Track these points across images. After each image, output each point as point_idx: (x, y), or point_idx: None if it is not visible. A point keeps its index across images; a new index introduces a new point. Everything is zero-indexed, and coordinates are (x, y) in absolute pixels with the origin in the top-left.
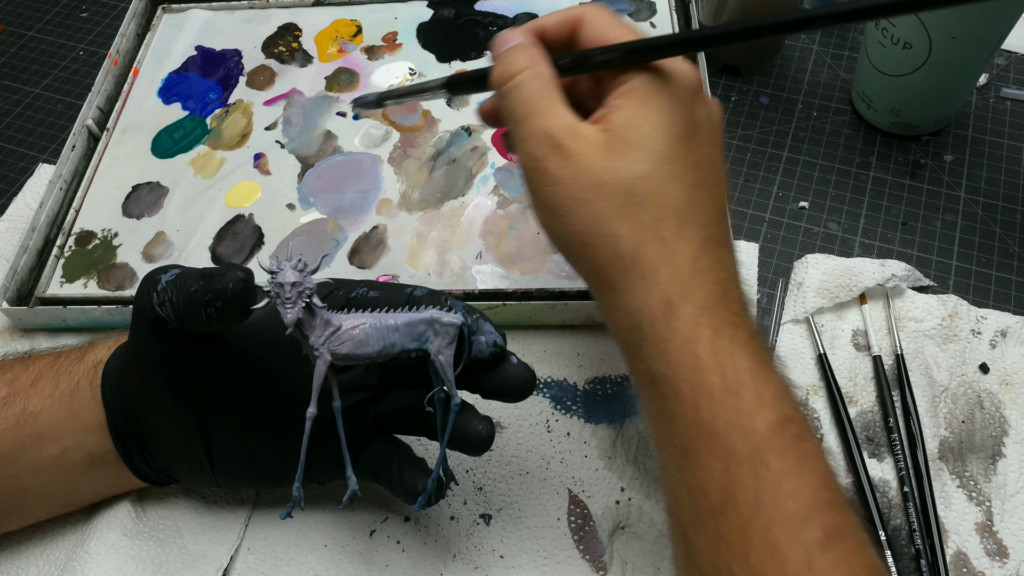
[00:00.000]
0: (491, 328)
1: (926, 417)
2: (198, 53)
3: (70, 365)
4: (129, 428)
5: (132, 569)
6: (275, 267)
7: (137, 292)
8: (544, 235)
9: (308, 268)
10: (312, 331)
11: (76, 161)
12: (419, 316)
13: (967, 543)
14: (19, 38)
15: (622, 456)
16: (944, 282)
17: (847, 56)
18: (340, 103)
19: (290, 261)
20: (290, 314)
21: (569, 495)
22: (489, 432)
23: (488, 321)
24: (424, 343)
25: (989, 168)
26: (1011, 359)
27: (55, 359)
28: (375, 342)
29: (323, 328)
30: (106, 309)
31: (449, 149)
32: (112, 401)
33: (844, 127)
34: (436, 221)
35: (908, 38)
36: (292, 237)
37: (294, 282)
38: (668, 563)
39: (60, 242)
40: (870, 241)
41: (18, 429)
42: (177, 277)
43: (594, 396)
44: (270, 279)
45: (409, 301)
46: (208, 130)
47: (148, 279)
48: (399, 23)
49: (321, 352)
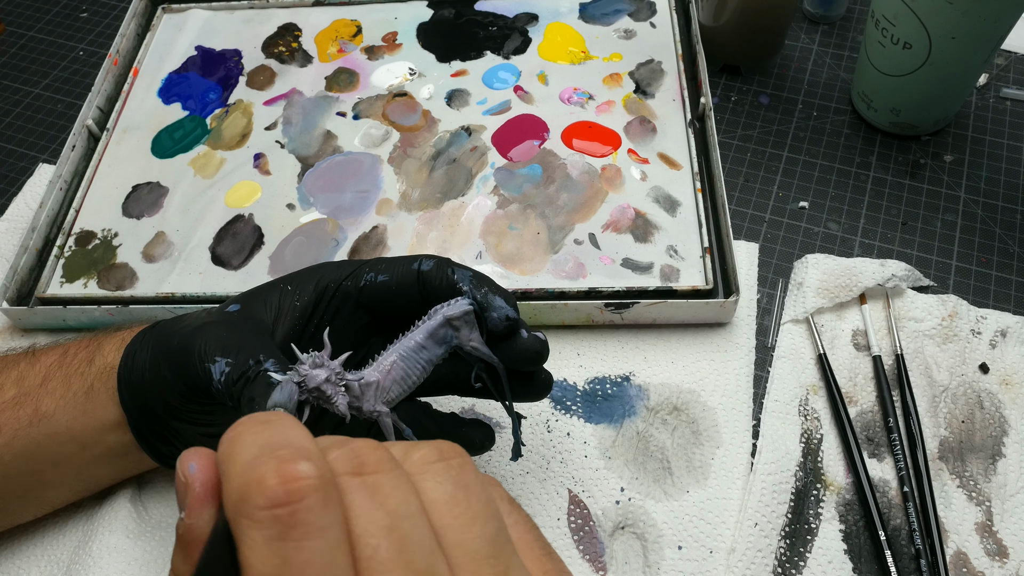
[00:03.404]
0: (501, 302)
1: (926, 417)
2: (198, 53)
3: (80, 366)
4: (151, 425)
5: (136, 571)
6: (298, 378)
7: (186, 358)
8: (544, 235)
9: (323, 354)
10: (362, 402)
11: (76, 161)
12: (434, 324)
13: (967, 543)
14: (19, 38)
15: (622, 456)
16: (944, 282)
17: (847, 56)
18: (340, 103)
19: (303, 364)
20: (340, 406)
21: (569, 495)
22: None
23: (497, 293)
24: (451, 342)
25: (989, 168)
26: (1011, 359)
27: (62, 357)
28: (413, 369)
29: (367, 391)
30: (106, 309)
31: (449, 149)
32: (132, 404)
33: (844, 127)
34: (436, 221)
35: (908, 38)
36: (292, 237)
37: (326, 378)
38: (668, 563)
39: (60, 242)
40: (870, 241)
41: (32, 429)
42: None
43: (594, 396)
44: (301, 389)
45: (419, 280)
46: (208, 130)
47: (199, 354)
48: (399, 23)
49: (378, 411)
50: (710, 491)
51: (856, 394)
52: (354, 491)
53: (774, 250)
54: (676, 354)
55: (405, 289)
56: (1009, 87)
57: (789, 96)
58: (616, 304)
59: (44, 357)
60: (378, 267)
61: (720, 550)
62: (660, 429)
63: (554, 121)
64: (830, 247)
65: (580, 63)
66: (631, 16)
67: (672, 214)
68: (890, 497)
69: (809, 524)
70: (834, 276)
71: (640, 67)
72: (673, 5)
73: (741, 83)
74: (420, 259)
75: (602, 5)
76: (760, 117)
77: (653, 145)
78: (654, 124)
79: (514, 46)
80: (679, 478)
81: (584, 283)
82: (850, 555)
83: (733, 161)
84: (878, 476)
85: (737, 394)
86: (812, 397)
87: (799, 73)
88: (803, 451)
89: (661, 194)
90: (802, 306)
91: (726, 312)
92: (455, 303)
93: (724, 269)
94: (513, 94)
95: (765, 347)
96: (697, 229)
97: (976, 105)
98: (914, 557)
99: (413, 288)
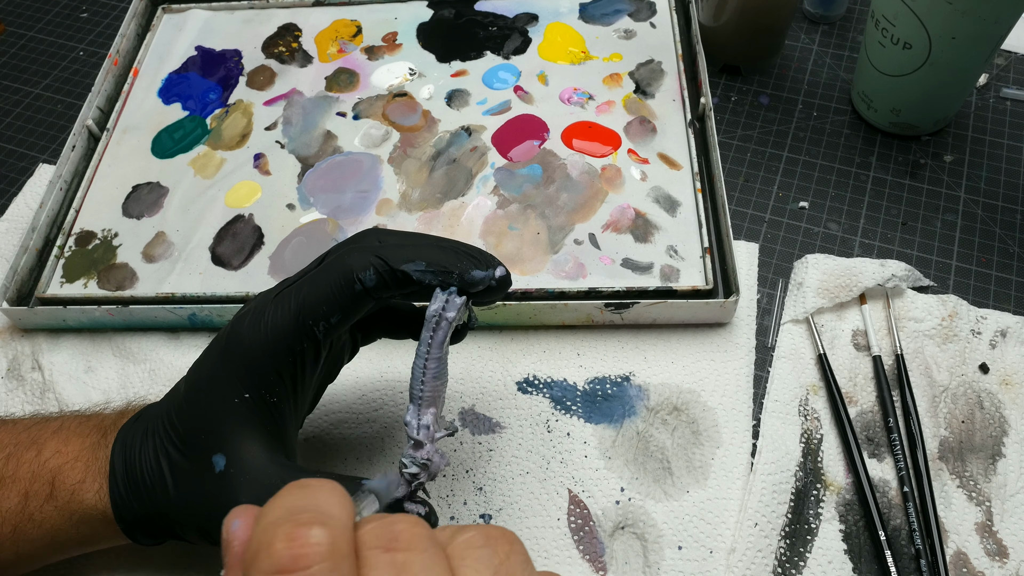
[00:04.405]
0: (479, 272)
1: (926, 417)
2: (198, 53)
3: (58, 502)
4: (152, 532)
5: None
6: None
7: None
8: (544, 235)
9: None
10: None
11: (76, 161)
12: (443, 335)
13: (967, 543)
14: (19, 38)
15: (622, 456)
16: (944, 282)
17: (847, 56)
18: (340, 103)
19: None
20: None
21: (569, 495)
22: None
23: (464, 262)
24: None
25: (989, 168)
26: (1011, 359)
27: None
28: (445, 380)
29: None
30: (106, 309)
31: (449, 149)
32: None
33: (844, 127)
34: (436, 221)
35: (908, 38)
36: (292, 237)
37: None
38: (668, 563)
39: (60, 242)
40: (870, 241)
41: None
42: None
43: (594, 396)
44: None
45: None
46: (208, 130)
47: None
48: (399, 23)
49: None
50: (710, 491)
51: (856, 394)
52: (379, 567)
53: (774, 250)
54: (676, 354)
55: (359, 310)
56: (1009, 87)
57: (789, 96)
58: (616, 304)
59: (18, 467)
60: (324, 311)
61: (720, 550)
62: (660, 429)
63: (554, 121)
64: (830, 247)
65: (580, 63)
66: (631, 16)
67: (672, 214)
68: (890, 497)
69: (809, 524)
70: (834, 276)
71: (640, 67)
72: (673, 5)
73: (741, 83)
74: (352, 274)
75: (602, 5)
76: (760, 117)
77: (653, 145)
78: (654, 124)
79: (514, 46)
80: (679, 478)
81: (584, 283)
82: (850, 555)
83: (733, 161)
84: (878, 476)
85: (737, 394)
86: (812, 397)
87: (799, 73)
88: (803, 451)
89: (661, 194)
90: (802, 306)
91: (726, 312)
92: (448, 303)
93: (724, 269)
94: (513, 94)
95: (765, 347)
96: (697, 229)
97: (976, 105)
98: (914, 557)
99: (364, 303)
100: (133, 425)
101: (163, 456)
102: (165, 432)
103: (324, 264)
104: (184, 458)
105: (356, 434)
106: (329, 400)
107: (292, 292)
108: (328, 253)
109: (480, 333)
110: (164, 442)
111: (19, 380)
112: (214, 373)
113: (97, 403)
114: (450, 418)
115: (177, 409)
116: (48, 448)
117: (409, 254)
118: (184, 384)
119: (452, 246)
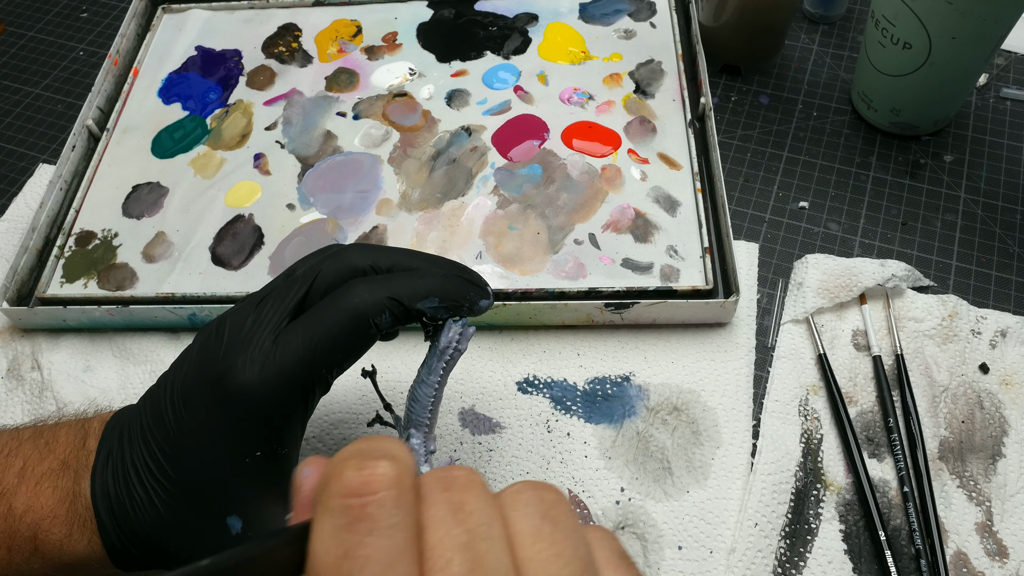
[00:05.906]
0: (485, 301)
1: (926, 417)
2: (198, 53)
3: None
4: (143, 557)
5: None
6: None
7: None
8: (544, 235)
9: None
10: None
11: (76, 161)
12: (454, 364)
13: (967, 543)
14: (19, 38)
15: (622, 456)
16: (944, 282)
17: (847, 56)
18: (340, 103)
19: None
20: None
21: (569, 495)
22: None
23: (469, 292)
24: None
25: (989, 168)
26: (1011, 359)
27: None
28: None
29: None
30: (106, 309)
31: (449, 149)
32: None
33: (844, 127)
34: (436, 221)
35: (908, 38)
36: (292, 237)
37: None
38: (668, 563)
39: (60, 242)
40: (870, 241)
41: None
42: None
43: (594, 396)
44: None
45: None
46: (208, 130)
47: None
48: (399, 23)
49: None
50: (710, 491)
51: (856, 394)
52: (437, 503)
53: (774, 250)
54: (676, 354)
55: (369, 347)
56: (1009, 87)
57: (789, 96)
58: (616, 304)
59: None
60: (339, 357)
61: (720, 550)
62: (660, 429)
63: (554, 121)
64: (830, 247)
65: (580, 63)
66: (631, 16)
67: (672, 214)
68: (890, 497)
69: (809, 524)
70: (834, 276)
71: (640, 67)
72: (673, 5)
73: (741, 83)
74: (367, 319)
75: (602, 5)
76: (760, 117)
77: (653, 145)
78: (654, 124)
79: (514, 46)
80: (679, 478)
81: (584, 283)
82: (850, 555)
83: (733, 161)
84: (878, 476)
85: (737, 394)
86: (812, 397)
87: (799, 73)
88: (803, 451)
89: (661, 194)
90: (802, 306)
91: (726, 312)
92: (461, 335)
93: (724, 269)
94: (513, 94)
95: (765, 347)
96: (697, 229)
97: (976, 105)
98: (914, 557)
99: (375, 341)
100: (105, 467)
101: (161, 506)
102: (157, 481)
103: (331, 303)
104: (190, 511)
105: (356, 434)
106: (329, 400)
107: (298, 334)
108: (296, 266)
109: (480, 333)
110: (159, 490)
111: (19, 380)
112: (215, 427)
113: (94, 402)
114: (450, 418)
115: (166, 456)
116: (19, 501)
117: (419, 288)
118: (173, 420)
119: (455, 272)
